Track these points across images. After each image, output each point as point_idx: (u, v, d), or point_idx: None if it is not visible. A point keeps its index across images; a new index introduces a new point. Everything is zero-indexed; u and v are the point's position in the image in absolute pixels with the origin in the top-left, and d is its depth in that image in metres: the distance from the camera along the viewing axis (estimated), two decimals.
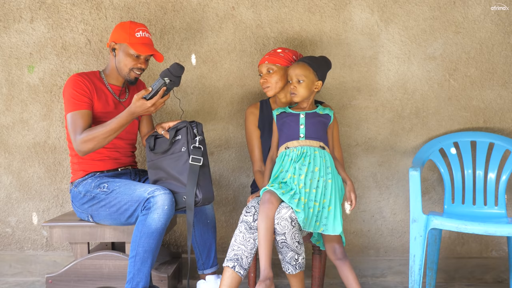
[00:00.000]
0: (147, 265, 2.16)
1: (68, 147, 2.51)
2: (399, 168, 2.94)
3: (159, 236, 2.17)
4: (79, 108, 2.34)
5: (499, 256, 2.95)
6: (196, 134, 2.29)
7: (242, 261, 2.16)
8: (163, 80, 2.21)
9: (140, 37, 2.39)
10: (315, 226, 2.19)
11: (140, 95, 2.22)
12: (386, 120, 2.93)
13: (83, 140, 2.27)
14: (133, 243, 2.17)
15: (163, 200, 2.17)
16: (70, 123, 2.33)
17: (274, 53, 2.51)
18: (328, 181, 2.24)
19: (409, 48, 2.90)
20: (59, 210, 2.98)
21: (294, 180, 2.21)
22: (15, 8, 2.92)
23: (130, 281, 2.15)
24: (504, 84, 2.91)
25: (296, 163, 2.25)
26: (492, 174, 2.74)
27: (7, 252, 3.01)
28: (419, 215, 2.41)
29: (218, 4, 2.91)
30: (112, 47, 2.44)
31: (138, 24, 2.44)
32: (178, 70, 2.23)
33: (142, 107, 2.23)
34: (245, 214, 2.23)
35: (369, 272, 2.96)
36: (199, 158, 2.25)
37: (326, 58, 2.47)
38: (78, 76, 2.40)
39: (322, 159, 2.27)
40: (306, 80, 2.33)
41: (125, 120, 2.27)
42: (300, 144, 2.31)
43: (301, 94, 2.34)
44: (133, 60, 2.41)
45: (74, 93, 2.35)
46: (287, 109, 2.44)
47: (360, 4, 2.88)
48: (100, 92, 2.43)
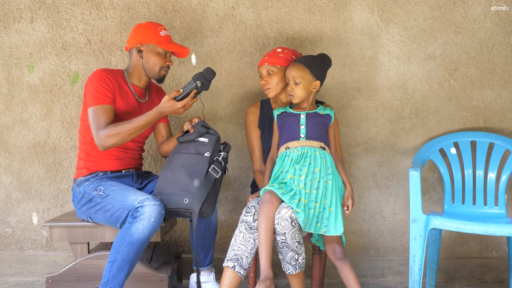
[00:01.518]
0: (123, 273, 2.14)
1: (79, 141, 2.50)
2: (399, 168, 2.94)
3: (140, 246, 2.15)
4: (102, 102, 2.34)
5: (499, 256, 2.95)
6: (222, 150, 2.32)
7: (242, 261, 2.16)
8: (195, 83, 2.26)
9: (165, 36, 2.45)
10: (316, 227, 2.19)
11: (171, 96, 2.26)
12: (386, 120, 2.93)
13: (108, 134, 2.27)
14: (113, 249, 2.16)
15: (151, 211, 2.16)
16: (93, 117, 2.32)
17: (274, 53, 2.49)
18: (329, 182, 2.24)
19: (409, 48, 2.90)
20: (59, 210, 2.98)
21: (294, 181, 2.21)
22: (15, 8, 2.92)
23: (104, 285, 2.14)
24: (504, 84, 2.91)
25: (297, 164, 2.25)
26: (492, 174, 2.73)
27: (7, 252, 3.01)
28: (419, 215, 2.41)
29: (218, 4, 2.91)
30: (139, 49, 2.44)
31: (157, 24, 2.48)
32: (211, 74, 2.30)
33: (172, 108, 2.27)
34: (245, 214, 2.23)
35: (369, 272, 2.96)
36: (218, 171, 2.28)
37: (325, 56, 2.44)
38: (103, 71, 2.40)
39: (323, 160, 2.27)
40: (303, 81, 2.32)
41: (152, 119, 2.30)
42: (300, 144, 2.30)
43: (299, 95, 2.34)
44: (162, 58, 2.45)
45: (99, 87, 2.35)
46: (287, 109, 2.43)
47: (360, 4, 2.89)
48: (122, 90, 2.44)
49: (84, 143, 2.46)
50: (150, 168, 2.96)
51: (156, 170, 2.96)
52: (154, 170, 2.96)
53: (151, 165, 2.96)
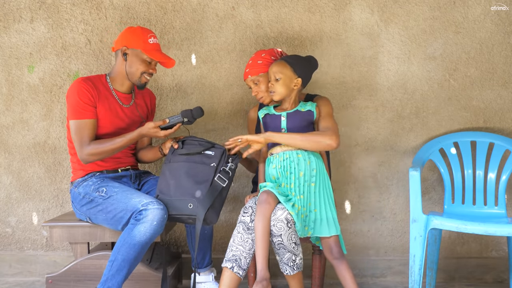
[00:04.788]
0: (122, 274, 2.16)
1: (68, 147, 2.52)
2: (399, 168, 2.94)
3: (141, 249, 2.17)
4: (84, 117, 2.36)
5: (499, 256, 2.95)
6: (229, 161, 2.32)
7: (241, 261, 2.16)
8: (182, 118, 2.36)
9: (153, 44, 2.45)
10: (303, 231, 2.20)
11: (157, 124, 2.33)
12: (386, 120, 2.93)
13: (91, 153, 2.34)
14: (115, 249, 2.18)
15: (154, 215, 2.17)
16: (75, 131, 2.36)
17: (253, 64, 2.46)
18: (312, 184, 2.23)
19: (409, 48, 2.90)
20: (59, 210, 2.99)
21: (287, 190, 2.21)
22: (15, 8, 2.92)
23: (103, 283, 2.16)
24: (504, 84, 2.90)
25: (284, 170, 2.23)
26: (492, 174, 2.73)
27: (7, 252, 3.01)
28: (419, 215, 2.41)
29: (218, 4, 2.91)
30: (124, 52, 2.44)
31: (148, 30, 2.47)
32: (199, 114, 2.38)
33: (154, 134, 2.35)
34: (242, 215, 2.22)
35: (369, 272, 2.96)
36: (224, 180, 2.28)
37: (311, 57, 2.42)
38: (83, 83, 2.39)
39: (307, 162, 2.25)
40: (283, 76, 2.29)
41: (134, 140, 2.38)
42: (282, 149, 2.28)
43: (279, 91, 2.30)
44: (146, 65, 2.45)
45: (79, 102, 2.36)
46: (270, 109, 2.40)
47: (360, 4, 2.88)
48: (103, 98, 2.43)
49: (73, 147, 2.44)
50: (150, 168, 2.96)
51: (156, 171, 2.96)
52: (154, 171, 2.96)
53: (151, 165, 2.96)
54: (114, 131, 2.44)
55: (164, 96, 2.95)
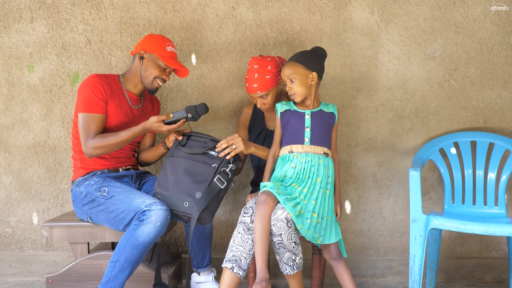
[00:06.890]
0: (125, 274, 2.16)
1: (72, 143, 2.52)
2: (399, 168, 2.94)
3: (143, 249, 2.18)
4: (93, 111, 2.38)
5: (499, 256, 2.95)
6: (231, 162, 2.32)
7: (241, 262, 2.16)
8: (186, 114, 2.36)
9: (170, 52, 2.52)
10: (314, 238, 2.20)
11: (160, 118, 2.35)
12: (386, 120, 2.93)
13: (95, 146, 2.35)
14: (117, 249, 2.18)
15: (158, 216, 2.18)
16: (83, 124, 2.37)
17: (262, 79, 2.39)
18: (326, 191, 2.24)
19: (409, 48, 2.90)
20: (59, 210, 2.99)
21: (296, 191, 2.20)
22: (15, 8, 2.92)
23: (104, 284, 2.15)
24: (504, 84, 2.90)
25: (301, 172, 2.22)
26: (492, 174, 2.73)
27: (7, 252, 3.01)
28: (419, 215, 2.41)
29: (218, 4, 2.91)
30: (141, 55, 2.49)
31: (168, 39, 2.54)
32: (204, 111, 2.38)
33: (158, 128, 2.36)
34: (243, 215, 2.22)
35: (369, 272, 2.96)
36: (223, 181, 2.28)
37: (317, 47, 2.36)
38: (97, 78, 2.43)
39: (325, 169, 2.25)
40: (298, 76, 2.25)
41: (138, 134, 2.39)
42: (304, 150, 2.26)
43: (299, 92, 2.27)
44: (160, 70, 2.50)
45: (91, 95, 2.39)
46: (291, 105, 2.34)
47: (360, 4, 2.88)
48: (115, 96, 2.47)
49: (77, 144, 2.47)
50: (150, 169, 2.96)
51: (156, 171, 2.96)
52: (154, 171, 2.96)
53: (151, 166, 2.96)
54: (121, 129, 2.46)
55: (164, 96, 2.95)
